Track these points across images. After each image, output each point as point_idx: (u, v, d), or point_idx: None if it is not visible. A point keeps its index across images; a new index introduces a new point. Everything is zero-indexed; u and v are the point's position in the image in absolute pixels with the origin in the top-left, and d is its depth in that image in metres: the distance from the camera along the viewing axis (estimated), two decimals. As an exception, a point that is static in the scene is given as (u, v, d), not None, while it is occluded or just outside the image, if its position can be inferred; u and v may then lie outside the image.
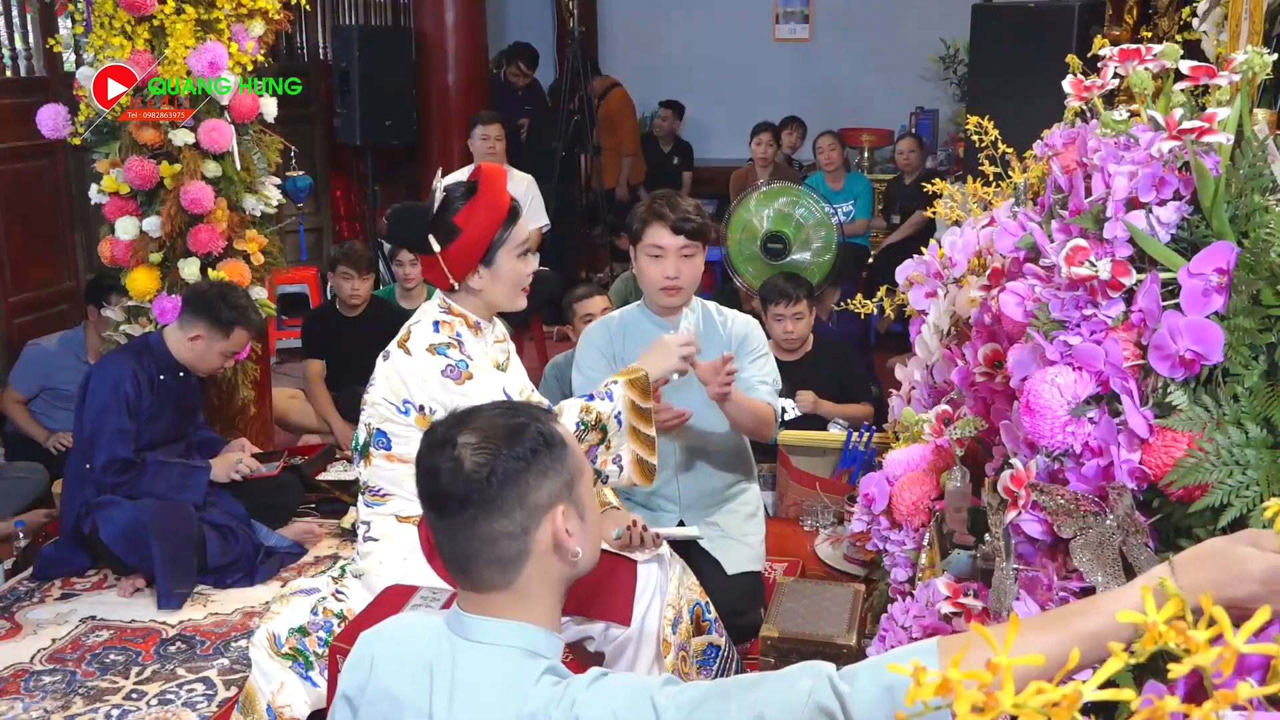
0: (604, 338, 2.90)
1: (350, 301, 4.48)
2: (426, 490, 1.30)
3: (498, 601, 1.30)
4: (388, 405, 2.27)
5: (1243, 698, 0.71)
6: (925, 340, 2.82)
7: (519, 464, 1.27)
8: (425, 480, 1.30)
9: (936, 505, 1.99)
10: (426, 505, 1.31)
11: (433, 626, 1.35)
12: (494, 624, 1.29)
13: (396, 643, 1.37)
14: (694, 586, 2.50)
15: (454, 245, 2.24)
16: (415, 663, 1.31)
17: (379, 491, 2.32)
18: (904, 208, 6.35)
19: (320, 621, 2.29)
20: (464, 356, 2.25)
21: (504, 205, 2.27)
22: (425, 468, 1.30)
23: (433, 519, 1.31)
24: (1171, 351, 1.26)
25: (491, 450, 1.26)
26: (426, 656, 1.30)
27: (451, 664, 1.28)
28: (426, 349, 2.24)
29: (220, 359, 3.42)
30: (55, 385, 4.13)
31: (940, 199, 2.91)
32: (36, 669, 2.92)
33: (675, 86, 8.92)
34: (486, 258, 2.26)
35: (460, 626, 1.30)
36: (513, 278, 2.31)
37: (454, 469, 1.26)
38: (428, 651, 1.31)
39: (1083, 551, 1.27)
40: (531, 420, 1.31)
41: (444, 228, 2.24)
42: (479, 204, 2.24)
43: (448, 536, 1.29)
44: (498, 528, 1.26)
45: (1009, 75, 4.06)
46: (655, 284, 2.77)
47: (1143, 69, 1.49)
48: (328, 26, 7.07)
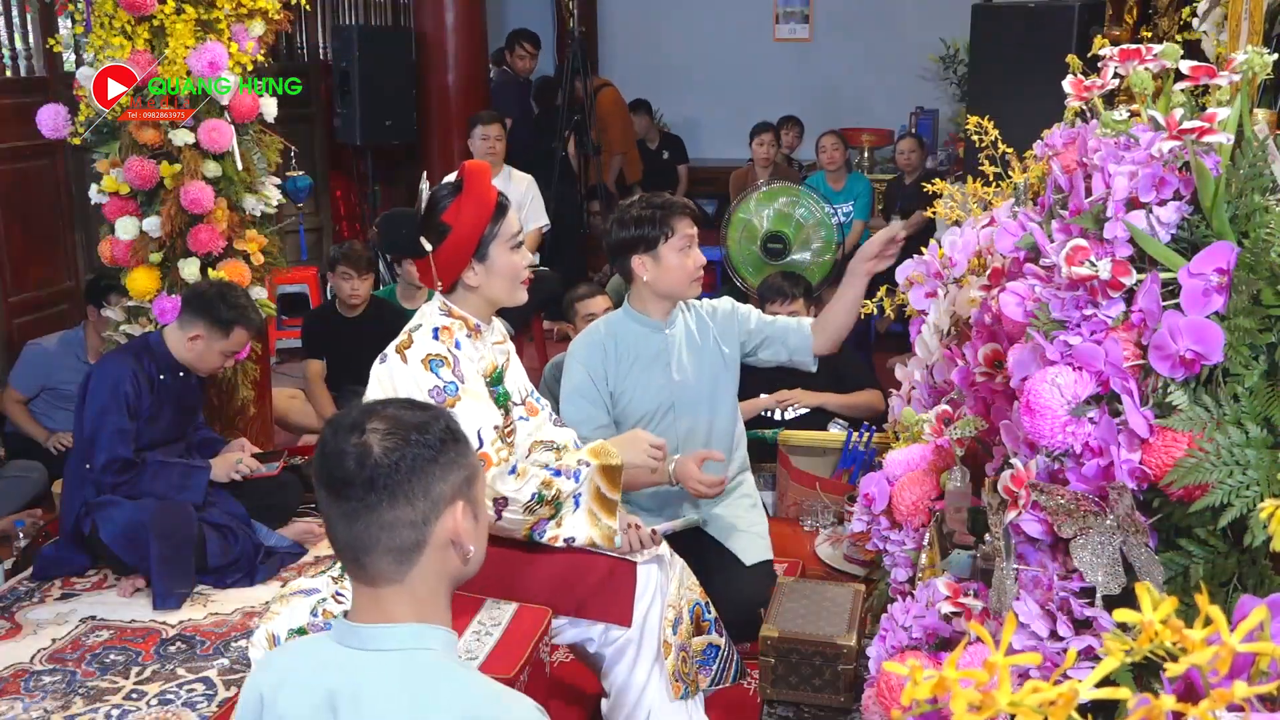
0: (596, 356, 2.82)
1: (350, 301, 4.49)
2: (329, 473, 1.27)
3: (389, 599, 1.28)
4: None
5: (1238, 697, 0.71)
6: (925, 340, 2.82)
7: (428, 452, 1.27)
8: (329, 463, 1.27)
9: (936, 505, 1.99)
10: (326, 490, 1.28)
11: (321, 648, 1.33)
12: (389, 630, 1.27)
13: (287, 673, 1.33)
14: (694, 586, 2.49)
15: (446, 243, 2.23)
16: (311, 690, 1.28)
17: None
18: (904, 208, 6.35)
19: (320, 623, 2.29)
20: (455, 379, 2.22)
21: (491, 199, 2.26)
22: (330, 451, 1.27)
23: (330, 504, 1.28)
24: (1171, 351, 1.26)
25: (401, 437, 1.26)
26: (324, 682, 1.28)
27: (353, 681, 1.26)
28: (422, 360, 2.21)
29: (220, 358, 3.42)
30: (55, 385, 4.14)
31: (940, 199, 2.91)
32: (36, 669, 2.92)
33: (675, 86, 8.92)
34: (479, 252, 2.25)
35: (354, 638, 1.28)
36: (508, 271, 2.29)
37: (362, 453, 1.25)
38: (323, 677, 1.28)
39: (1083, 551, 1.27)
40: (439, 415, 1.33)
41: (434, 227, 2.24)
42: (466, 200, 2.23)
43: (346, 523, 1.27)
44: (400, 515, 1.25)
45: (1009, 75, 4.06)
46: (691, 275, 2.76)
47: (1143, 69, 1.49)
48: (328, 26, 7.07)
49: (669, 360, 2.83)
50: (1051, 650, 1.28)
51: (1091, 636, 1.27)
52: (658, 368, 2.82)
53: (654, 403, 2.82)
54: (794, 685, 2.50)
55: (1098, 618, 1.26)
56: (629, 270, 2.80)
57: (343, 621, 1.31)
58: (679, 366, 2.83)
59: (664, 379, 2.82)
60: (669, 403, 2.83)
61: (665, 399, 2.83)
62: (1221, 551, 1.25)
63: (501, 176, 5.12)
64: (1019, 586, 1.36)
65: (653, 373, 2.82)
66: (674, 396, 2.83)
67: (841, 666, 2.47)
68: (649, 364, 2.82)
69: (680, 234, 2.74)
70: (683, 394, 2.83)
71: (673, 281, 2.78)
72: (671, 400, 2.83)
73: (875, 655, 1.72)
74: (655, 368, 2.82)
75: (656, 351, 2.83)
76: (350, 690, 1.25)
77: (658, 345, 2.83)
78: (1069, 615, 1.30)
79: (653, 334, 2.83)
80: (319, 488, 1.30)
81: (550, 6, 9.18)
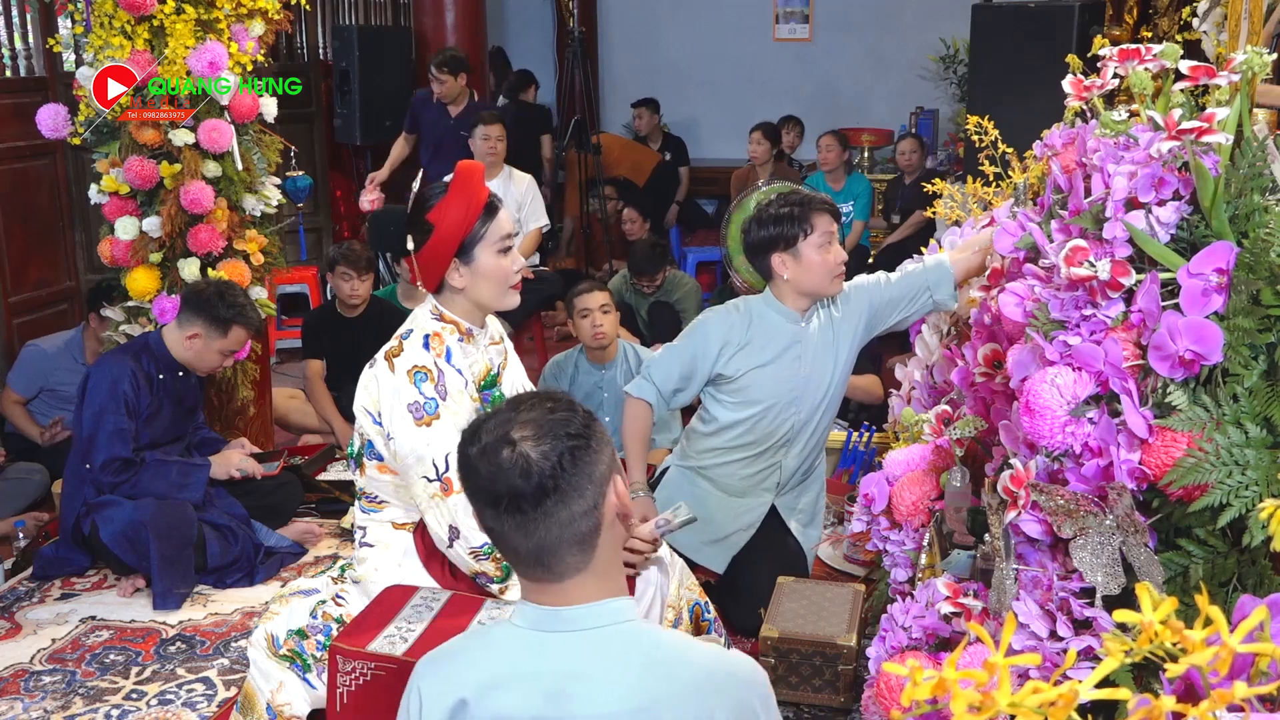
0: (721, 331, 2.82)
1: (350, 301, 4.48)
2: (493, 492, 1.28)
3: (577, 587, 1.31)
4: (365, 415, 2.23)
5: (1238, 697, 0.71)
6: (925, 340, 2.83)
7: (581, 442, 1.30)
8: (490, 483, 1.28)
9: (936, 505, 1.99)
10: (492, 508, 1.29)
11: (519, 636, 1.33)
12: (589, 609, 1.31)
13: (494, 668, 1.32)
14: (694, 586, 2.50)
15: (428, 244, 2.17)
16: (537, 678, 1.29)
17: (375, 498, 2.31)
18: (904, 208, 6.35)
19: (319, 625, 2.29)
20: (436, 395, 2.16)
21: (480, 200, 2.19)
22: (486, 471, 1.28)
23: (501, 520, 1.29)
24: (1171, 351, 1.26)
25: (554, 436, 1.28)
26: (545, 668, 1.29)
27: (574, 663, 1.29)
28: (408, 371, 2.17)
29: (219, 358, 3.42)
30: (53, 386, 4.14)
31: (940, 199, 2.91)
32: (36, 669, 2.92)
33: (675, 86, 8.92)
34: (464, 254, 2.19)
35: (556, 622, 1.31)
36: (495, 274, 2.21)
37: (523, 465, 1.26)
38: (540, 664, 1.30)
39: (1082, 552, 1.27)
40: (568, 400, 1.35)
41: (419, 226, 2.18)
42: (452, 199, 2.17)
43: (523, 534, 1.28)
44: (575, 510, 1.28)
45: (1009, 75, 4.06)
46: (831, 271, 2.73)
47: (1143, 69, 1.49)
48: (328, 26, 7.07)
49: (800, 354, 2.81)
50: (1051, 650, 1.28)
51: (1091, 637, 1.27)
52: (788, 359, 2.81)
53: (778, 394, 2.81)
54: (794, 685, 2.50)
55: (1097, 618, 1.26)
56: (769, 268, 2.78)
57: (534, 608, 1.32)
58: (809, 361, 2.82)
59: (792, 371, 2.81)
60: (792, 395, 2.82)
61: (790, 392, 2.82)
62: (1221, 551, 1.25)
63: (502, 176, 5.12)
64: (1019, 586, 1.36)
65: (782, 363, 2.81)
66: (798, 390, 2.82)
67: (841, 666, 2.47)
68: (779, 354, 2.81)
69: (820, 230, 2.72)
70: (807, 389, 2.83)
71: (815, 280, 2.75)
72: (795, 394, 2.82)
73: (875, 655, 1.72)
74: (785, 359, 2.81)
75: (789, 343, 2.81)
76: (574, 671, 1.28)
77: (791, 337, 2.81)
78: (1069, 615, 1.30)
79: (788, 324, 2.80)
80: (483, 507, 1.30)
81: (550, 6, 9.18)
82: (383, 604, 2.19)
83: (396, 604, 2.18)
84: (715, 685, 1.30)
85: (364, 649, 2.05)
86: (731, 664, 1.34)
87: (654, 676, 1.28)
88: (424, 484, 2.15)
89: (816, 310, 2.84)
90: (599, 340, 3.94)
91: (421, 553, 2.28)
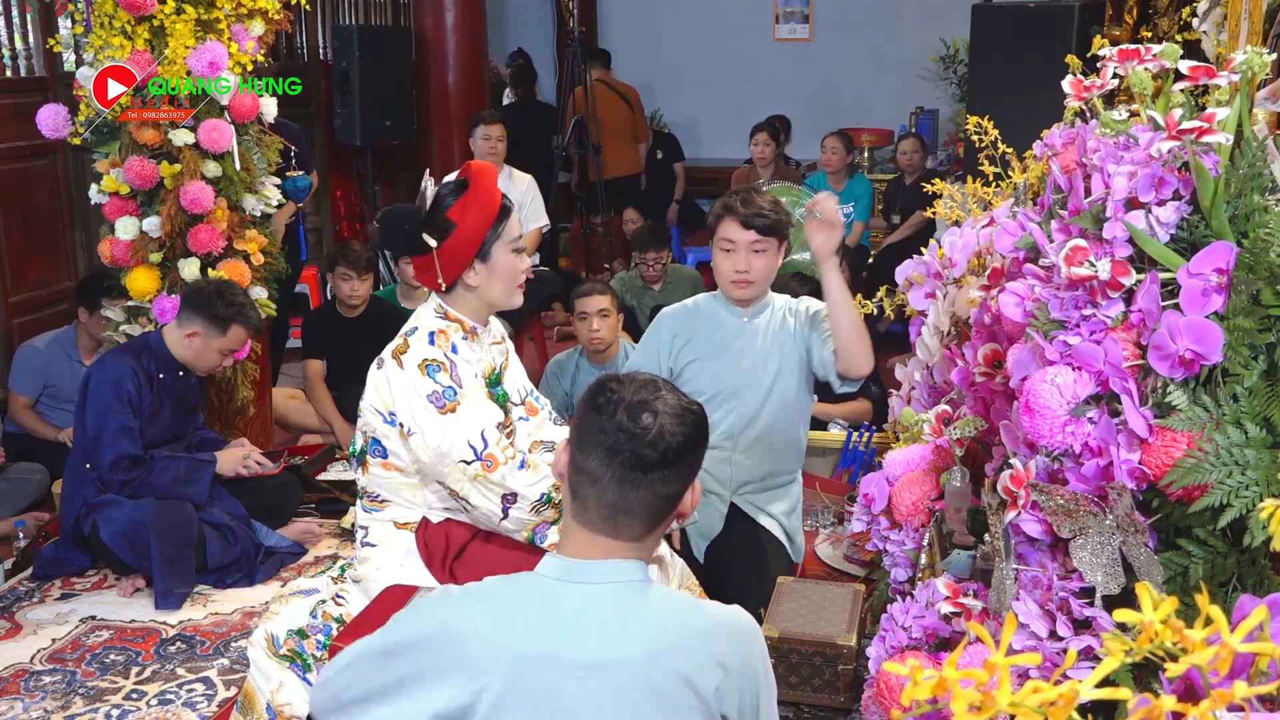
0: (671, 329, 2.90)
1: (350, 301, 4.49)
2: (616, 442, 1.38)
3: (621, 548, 1.42)
4: (375, 414, 2.24)
5: (1238, 697, 0.71)
6: (925, 340, 2.82)
7: (701, 438, 1.44)
8: (618, 432, 1.38)
9: (936, 505, 2.00)
10: (606, 452, 1.38)
11: (535, 583, 1.42)
12: (615, 564, 1.41)
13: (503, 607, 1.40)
14: (694, 586, 2.50)
15: (449, 241, 2.22)
16: (537, 618, 1.38)
17: (377, 497, 2.32)
18: (904, 208, 6.35)
19: (319, 625, 2.29)
20: (453, 383, 2.21)
21: (496, 201, 2.27)
22: (620, 422, 1.38)
23: (606, 467, 1.38)
24: (1171, 351, 1.26)
25: (685, 421, 1.41)
26: (549, 610, 1.38)
27: (586, 607, 1.38)
28: (418, 365, 2.20)
29: (218, 356, 3.41)
30: (53, 382, 4.15)
31: (940, 199, 2.91)
32: (36, 669, 2.92)
33: (675, 86, 8.92)
34: (482, 253, 2.25)
35: (582, 573, 1.40)
36: (509, 273, 2.29)
37: (659, 434, 1.38)
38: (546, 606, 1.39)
39: (1082, 552, 1.27)
40: (694, 401, 1.46)
41: (438, 224, 2.23)
42: (471, 199, 2.23)
43: (620, 487, 1.38)
44: (670, 490, 1.41)
45: (1009, 75, 4.06)
46: (726, 277, 2.78)
47: (1142, 69, 1.49)
48: (328, 26, 7.07)
49: (742, 349, 2.82)
50: (1051, 650, 1.28)
51: (1091, 636, 1.27)
52: (728, 354, 2.82)
53: (719, 386, 2.81)
54: (794, 685, 2.50)
55: (1097, 618, 1.26)
56: None
57: (560, 560, 1.42)
58: (752, 357, 2.81)
59: (732, 365, 2.81)
60: (731, 389, 2.81)
61: (727, 385, 2.81)
62: (1221, 551, 1.25)
63: (502, 176, 5.12)
64: (1019, 586, 1.36)
65: (724, 358, 2.82)
66: (738, 384, 2.81)
67: (841, 666, 2.47)
68: (720, 349, 2.83)
69: (720, 235, 2.76)
70: (748, 384, 2.82)
71: (717, 278, 2.83)
72: (736, 388, 2.81)
73: (875, 655, 1.72)
74: (728, 353, 2.82)
75: (730, 337, 2.83)
76: (590, 615, 1.38)
77: (733, 332, 2.83)
78: (1069, 615, 1.30)
79: (732, 319, 2.83)
80: (598, 450, 1.39)
81: (550, 6, 9.19)
82: (383, 604, 2.19)
83: (397, 604, 2.18)
84: (723, 634, 1.41)
85: (364, 649, 2.05)
86: (735, 616, 1.46)
87: (664, 626, 1.38)
88: (462, 468, 2.18)
89: (770, 309, 2.85)
90: (595, 345, 4.01)
91: (423, 552, 2.28)
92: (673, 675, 1.35)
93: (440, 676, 1.35)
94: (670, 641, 1.37)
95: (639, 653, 1.35)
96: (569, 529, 1.45)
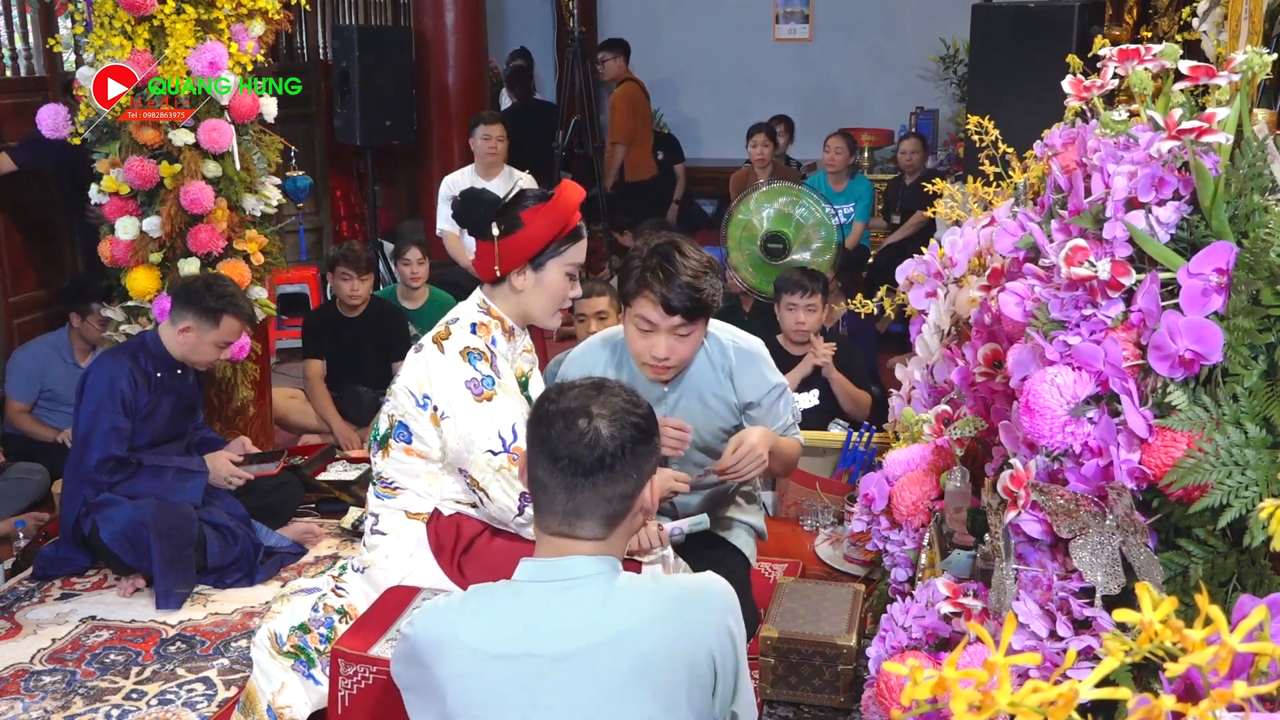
0: (603, 361, 2.58)
1: (350, 302, 4.48)
2: (557, 452, 1.45)
3: (586, 548, 1.48)
4: (408, 396, 2.28)
5: (1238, 697, 0.71)
6: (925, 340, 2.82)
7: (642, 436, 1.48)
8: (557, 439, 1.45)
9: (936, 505, 1.99)
10: (551, 463, 1.45)
11: (507, 588, 1.48)
12: (585, 560, 1.47)
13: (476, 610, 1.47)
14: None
15: (512, 236, 2.26)
16: (506, 615, 1.45)
17: (391, 484, 2.33)
18: (904, 208, 6.35)
19: (321, 618, 2.29)
20: (492, 373, 2.26)
21: (572, 222, 2.31)
22: (558, 430, 1.45)
23: (555, 476, 1.45)
24: (1171, 351, 1.26)
25: (623, 424, 1.46)
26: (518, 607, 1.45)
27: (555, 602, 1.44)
28: (460, 351, 2.25)
29: (214, 350, 3.40)
30: (49, 386, 4.16)
31: (940, 199, 2.91)
32: (36, 669, 2.92)
33: (675, 86, 8.92)
34: (537, 260, 2.28)
35: (553, 571, 1.46)
36: (556, 291, 2.32)
37: (594, 437, 1.44)
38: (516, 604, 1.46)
39: (1082, 552, 1.27)
40: (642, 402, 1.53)
41: (509, 218, 2.27)
42: (548, 210, 2.27)
43: (568, 494, 1.45)
44: (617, 490, 1.46)
45: (1009, 75, 4.06)
46: (641, 358, 2.41)
47: (1142, 69, 1.49)
48: (328, 26, 7.07)
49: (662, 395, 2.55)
50: (1051, 650, 1.28)
51: (1091, 636, 1.27)
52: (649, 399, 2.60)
53: None
54: (794, 685, 2.50)
55: (1097, 618, 1.26)
56: None
57: (533, 562, 1.49)
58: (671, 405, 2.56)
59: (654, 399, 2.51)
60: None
61: None
62: (1221, 551, 1.25)
63: (502, 176, 5.12)
64: (1019, 586, 1.36)
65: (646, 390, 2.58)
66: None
67: (841, 666, 2.47)
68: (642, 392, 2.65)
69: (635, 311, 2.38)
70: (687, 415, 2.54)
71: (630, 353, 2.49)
72: None
73: (875, 655, 1.72)
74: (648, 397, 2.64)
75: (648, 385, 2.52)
76: (559, 611, 1.44)
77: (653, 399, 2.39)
78: (1069, 615, 1.30)
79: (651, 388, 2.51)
80: (542, 459, 1.47)
81: (550, 6, 9.19)
82: (385, 605, 2.19)
83: (399, 605, 2.18)
84: (696, 599, 1.49)
85: (366, 652, 2.05)
86: (705, 580, 1.55)
87: (634, 607, 1.44)
88: (487, 457, 2.20)
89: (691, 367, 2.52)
90: None
91: (433, 543, 2.29)
92: (652, 650, 1.42)
93: (426, 692, 1.48)
94: (643, 620, 1.43)
95: (609, 636, 1.41)
96: (537, 535, 1.52)
